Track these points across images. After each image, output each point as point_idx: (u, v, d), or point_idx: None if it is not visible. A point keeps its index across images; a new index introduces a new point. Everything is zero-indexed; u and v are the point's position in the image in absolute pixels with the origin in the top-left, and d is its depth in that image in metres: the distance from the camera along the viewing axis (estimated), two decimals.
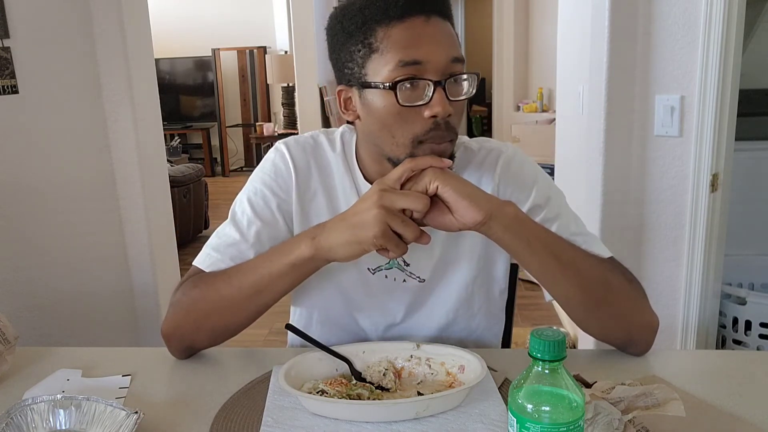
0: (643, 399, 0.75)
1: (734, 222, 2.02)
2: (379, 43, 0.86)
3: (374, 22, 0.86)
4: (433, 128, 0.87)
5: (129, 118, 2.14)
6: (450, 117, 0.87)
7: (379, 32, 0.86)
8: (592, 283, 0.92)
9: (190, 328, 0.98)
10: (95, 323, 2.16)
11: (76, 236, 2.09)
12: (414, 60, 0.85)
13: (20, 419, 0.78)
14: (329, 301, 1.05)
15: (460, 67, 0.88)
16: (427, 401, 0.80)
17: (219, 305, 0.95)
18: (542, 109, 5.24)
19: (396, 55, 0.85)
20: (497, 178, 1.02)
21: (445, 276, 1.04)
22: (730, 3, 1.68)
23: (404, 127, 0.87)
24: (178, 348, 1.01)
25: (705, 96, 1.75)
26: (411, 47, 0.85)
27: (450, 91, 0.87)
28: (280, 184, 1.02)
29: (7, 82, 1.89)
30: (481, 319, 1.08)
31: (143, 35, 2.27)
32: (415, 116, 0.87)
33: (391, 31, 0.86)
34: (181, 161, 5.98)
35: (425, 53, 0.85)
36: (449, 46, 0.87)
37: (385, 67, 0.86)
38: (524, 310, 3.16)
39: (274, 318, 1.16)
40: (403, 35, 0.85)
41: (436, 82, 0.85)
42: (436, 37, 0.86)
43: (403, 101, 0.85)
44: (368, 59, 0.88)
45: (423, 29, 0.86)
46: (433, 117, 0.86)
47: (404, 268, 1.02)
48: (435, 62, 0.85)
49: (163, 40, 6.63)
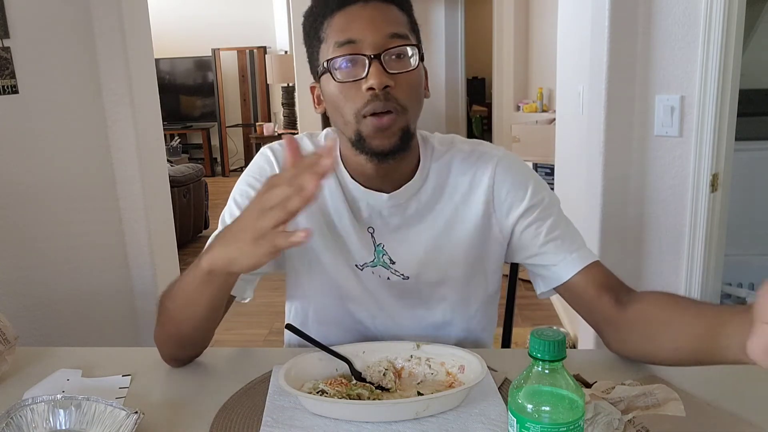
0: (643, 399, 0.75)
1: (734, 222, 2.02)
2: (324, 33, 0.93)
3: (321, 17, 0.94)
4: (371, 99, 0.89)
5: (129, 118, 2.14)
6: (391, 89, 0.89)
7: (324, 24, 0.93)
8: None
9: (159, 337, 0.97)
10: (95, 323, 2.16)
11: (76, 236, 2.09)
12: (348, 39, 0.90)
13: (20, 419, 0.78)
14: (324, 295, 1.06)
15: (400, 42, 0.91)
16: (427, 401, 0.80)
17: (173, 311, 0.93)
18: (542, 109, 5.23)
19: (334, 39, 0.91)
20: (492, 180, 1.02)
21: (435, 274, 1.04)
22: (730, 3, 1.68)
23: (348, 104, 0.91)
24: (165, 356, 1.00)
25: (705, 96, 1.75)
26: (346, 29, 0.91)
27: (390, 65, 0.90)
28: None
29: (7, 82, 1.89)
30: (479, 320, 1.09)
31: (143, 35, 2.27)
32: (356, 92, 0.90)
33: (333, 20, 0.92)
34: (181, 161, 5.99)
35: (359, 32, 0.90)
36: (386, 24, 0.91)
37: (327, 52, 0.92)
38: (524, 310, 3.16)
39: (274, 318, 1.16)
40: (340, 21, 0.91)
41: (370, 56, 0.89)
42: (371, 17, 0.91)
43: (340, 78, 0.91)
44: (318, 50, 0.95)
45: (360, 13, 0.91)
46: (371, 89, 0.89)
47: (389, 265, 1.03)
48: (370, 39, 0.89)
49: (163, 40, 6.63)
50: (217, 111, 7.74)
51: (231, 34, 7.50)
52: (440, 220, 1.02)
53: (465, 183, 1.03)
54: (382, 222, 1.02)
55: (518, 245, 1.03)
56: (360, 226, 1.02)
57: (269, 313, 2.81)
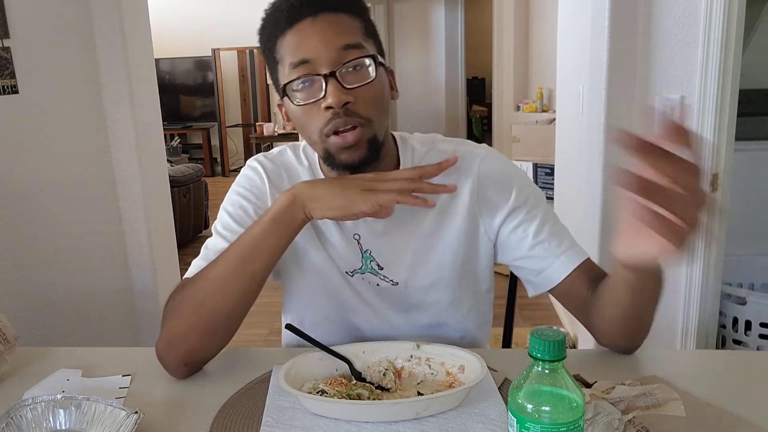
0: (643, 399, 0.75)
1: (734, 222, 2.02)
2: (279, 54, 0.92)
3: (273, 36, 0.92)
4: (332, 117, 0.89)
5: (129, 118, 2.14)
6: (351, 105, 0.88)
7: (277, 44, 0.91)
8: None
9: (177, 334, 0.91)
10: (95, 323, 2.16)
11: (76, 236, 2.09)
12: (301, 60, 0.88)
13: (20, 419, 0.78)
14: (319, 305, 1.05)
15: (355, 53, 0.89)
16: (427, 401, 0.80)
17: (209, 289, 0.90)
18: (542, 109, 5.23)
19: (288, 60, 0.90)
20: (476, 180, 1.01)
21: (425, 279, 1.02)
22: (730, 3, 1.68)
23: (312, 125, 0.91)
24: (174, 362, 0.93)
25: (705, 96, 1.75)
26: (298, 49, 0.89)
27: (347, 79, 0.88)
28: (255, 192, 1.04)
29: (7, 82, 1.89)
30: (472, 320, 1.08)
31: (143, 35, 2.27)
32: (317, 112, 0.89)
33: (284, 39, 0.90)
34: (181, 161, 5.98)
35: (311, 50, 0.88)
36: (338, 37, 0.88)
37: (283, 73, 0.91)
38: (524, 310, 3.16)
39: (274, 318, 1.16)
40: (292, 40, 0.90)
41: (325, 74, 0.87)
42: (322, 32, 0.88)
43: (299, 100, 0.90)
44: (276, 71, 0.94)
45: (310, 28, 0.89)
46: (330, 108, 0.88)
47: (377, 272, 1.02)
48: (323, 56, 0.88)
49: (163, 40, 6.63)
50: (217, 111, 7.75)
51: (231, 34, 7.50)
52: (426, 223, 1.01)
53: (449, 183, 1.01)
54: (367, 227, 1.00)
55: (505, 247, 1.02)
56: (345, 233, 1.01)
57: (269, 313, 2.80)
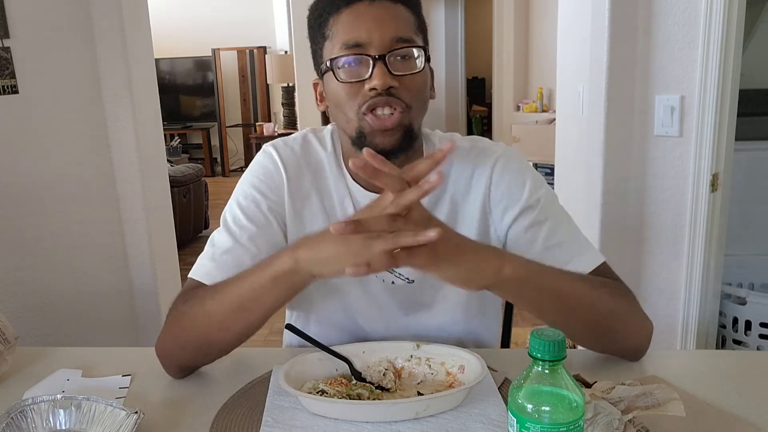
0: (643, 399, 0.75)
1: (734, 222, 2.02)
2: (330, 31, 0.92)
3: (327, 13, 0.93)
4: (374, 96, 0.89)
5: (129, 118, 2.14)
6: (395, 89, 0.89)
7: (330, 21, 0.92)
8: (599, 319, 0.91)
9: (173, 344, 0.93)
10: (95, 323, 2.15)
11: (76, 236, 2.09)
12: (356, 42, 0.89)
13: (20, 419, 0.78)
14: (326, 302, 1.05)
15: (406, 44, 0.90)
16: (427, 401, 0.80)
17: (203, 322, 0.90)
18: (542, 109, 5.24)
19: (341, 38, 0.91)
20: (490, 179, 1.01)
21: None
22: (730, 3, 1.68)
23: (350, 102, 0.91)
24: (170, 366, 0.96)
25: (705, 96, 1.75)
26: (353, 30, 0.90)
27: (395, 66, 0.90)
28: (270, 185, 1.01)
29: (7, 82, 1.89)
30: (480, 320, 1.08)
31: (143, 35, 2.27)
32: (359, 91, 0.90)
33: (339, 18, 0.91)
34: (181, 161, 5.98)
35: (365, 33, 0.89)
36: (393, 26, 0.90)
37: (333, 50, 0.92)
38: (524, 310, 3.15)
39: (274, 318, 1.16)
40: (347, 20, 0.90)
41: (375, 57, 0.88)
42: (378, 18, 0.90)
43: (344, 78, 0.91)
44: (323, 47, 0.94)
45: (366, 12, 0.90)
46: (374, 90, 0.89)
47: (392, 269, 1.01)
48: (376, 39, 0.89)
49: (163, 40, 6.62)
50: (217, 111, 7.74)
51: (231, 34, 7.49)
52: (441, 218, 1.01)
53: (463, 180, 1.01)
54: None
55: (514, 248, 1.00)
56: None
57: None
